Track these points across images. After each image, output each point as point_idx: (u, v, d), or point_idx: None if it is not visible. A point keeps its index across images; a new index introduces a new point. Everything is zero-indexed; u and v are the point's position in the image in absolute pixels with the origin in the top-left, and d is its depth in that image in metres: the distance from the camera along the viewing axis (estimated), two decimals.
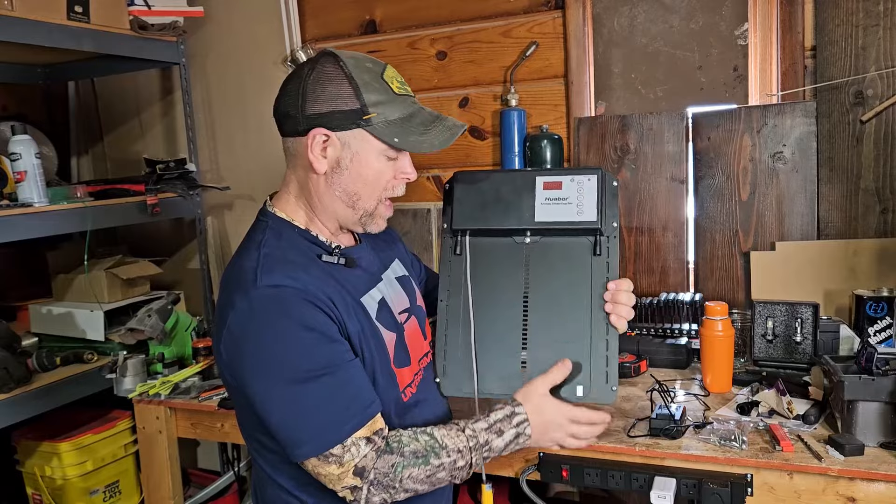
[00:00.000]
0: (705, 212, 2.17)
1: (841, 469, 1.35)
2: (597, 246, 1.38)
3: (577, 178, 1.40)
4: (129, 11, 2.42)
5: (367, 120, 1.19)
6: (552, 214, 1.39)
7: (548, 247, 1.41)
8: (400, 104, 1.22)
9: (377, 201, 1.26)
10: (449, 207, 1.45)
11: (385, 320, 1.30)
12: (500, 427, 1.25)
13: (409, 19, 2.51)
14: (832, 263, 2.00)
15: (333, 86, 1.19)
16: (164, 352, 2.25)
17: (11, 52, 2.51)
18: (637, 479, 1.48)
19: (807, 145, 2.04)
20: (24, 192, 2.12)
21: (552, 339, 1.37)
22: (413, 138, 1.21)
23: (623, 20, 2.30)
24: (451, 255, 1.45)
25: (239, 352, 1.15)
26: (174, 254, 2.95)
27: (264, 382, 1.14)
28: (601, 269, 1.38)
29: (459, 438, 1.22)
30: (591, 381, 1.35)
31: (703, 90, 2.23)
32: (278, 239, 1.24)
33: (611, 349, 1.35)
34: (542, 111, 2.36)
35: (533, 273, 1.40)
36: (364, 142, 1.21)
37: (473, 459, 1.22)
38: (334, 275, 1.23)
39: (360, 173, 1.23)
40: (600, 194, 1.38)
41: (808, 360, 1.79)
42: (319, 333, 1.15)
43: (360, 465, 1.14)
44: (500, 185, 1.43)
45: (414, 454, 1.17)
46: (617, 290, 1.35)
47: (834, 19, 1.99)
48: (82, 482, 2.41)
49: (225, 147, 2.81)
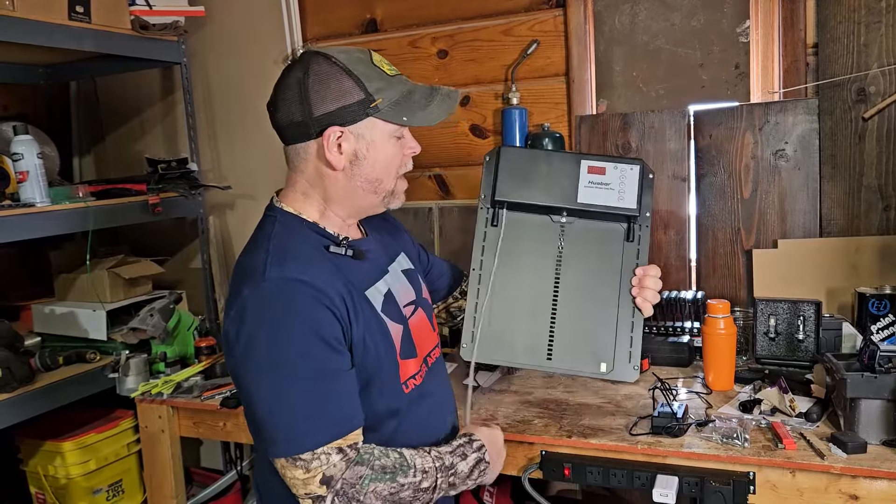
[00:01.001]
0: (707, 209, 2.17)
1: (843, 467, 1.35)
2: (630, 232, 1.45)
3: (620, 166, 1.46)
4: (130, 11, 2.41)
5: (375, 107, 1.22)
6: (594, 197, 1.44)
7: (582, 229, 1.47)
8: (398, 84, 1.26)
9: (394, 181, 1.30)
10: (491, 178, 1.48)
11: (391, 312, 1.31)
12: (462, 451, 1.29)
13: (409, 18, 2.50)
14: (834, 261, 1.99)
15: (335, 82, 1.20)
16: (166, 351, 2.25)
17: (13, 52, 2.51)
18: (639, 478, 1.48)
19: (809, 143, 2.04)
20: (26, 192, 2.12)
21: (580, 316, 1.44)
22: (419, 114, 1.25)
23: (624, 18, 2.29)
24: (487, 225, 1.49)
25: (239, 340, 1.15)
26: (176, 253, 2.95)
27: (257, 373, 1.15)
28: (632, 254, 1.45)
29: (426, 459, 1.23)
30: (614, 359, 1.42)
31: (705, 88, 2.22)
32: (289, 231, 1.25)
33: (635, 330, 1.42)
34: (544, 109, 2.36)
35: (566, 252, 1.47)
36: (375, 129, 1.24)
37: (438, 481, 1.23)
38: (341, 268, 1.24)
39: (378, 159, 1.26)
40: (640, 184, 1.44)
41: (811, 358, 1.79)
42: (322, 338, 1.15)
43: (328, 475, 1.13)
44: (545, 163, 1.47)
45: (383, 469, 1.18)
46: (645, 274, 1.42)
47: (836, 16, 1.98)
48: (85, 481, 2.41)
49: (226, 146, 2.81)
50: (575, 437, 1.54)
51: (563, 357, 1.44)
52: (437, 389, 1.40)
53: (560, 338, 1.43)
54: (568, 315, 1.44)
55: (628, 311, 1.42)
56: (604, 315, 1.43)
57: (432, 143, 2.49)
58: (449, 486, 1.26)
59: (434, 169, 2.53)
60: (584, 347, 1.43)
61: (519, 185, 1.47)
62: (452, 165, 2.51)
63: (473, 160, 2.47)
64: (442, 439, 1.37)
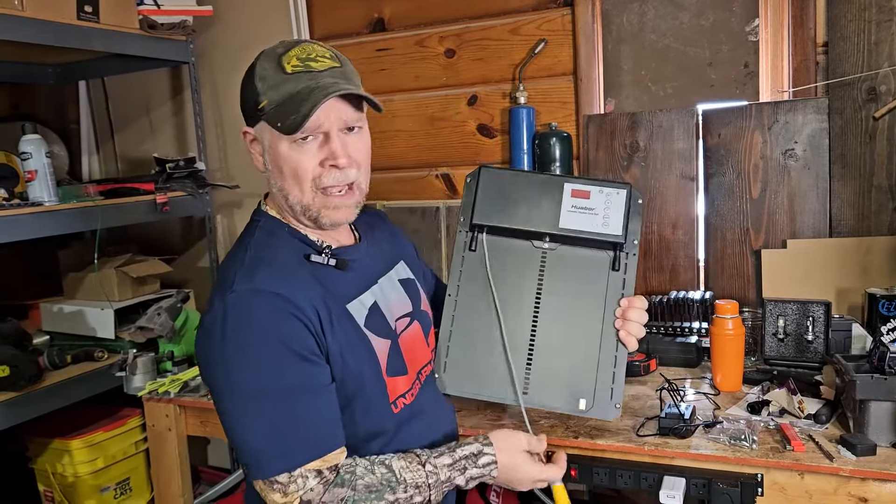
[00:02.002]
0: (716, 209, 2.16)
1: (853, 469, 1.34)
2: (616, 261, 1.38)
3: (606, 190, 1.38)
4: (138, 11, 2.42)
5: (262, 109, 1.14)
6: (577, 223, 1.37)
7: (565, 255, 1.39)
8: (291, 83, 1.12)
9: (311, 195, 1.16)
10: (470, 201, 1.41)
11: (376, 327, 1.23)
12: (464, 465, 1.18)
13: (417, 17, 2.50)
14: (844, 261, 1.98)
15: (247, 81, 1.18)
16: (173, 350, 2.25)
17: (22, 51, 2.52)
18: (646, 479, 1.47)
19: (819, 142, 2.03)
20: (34, 191, 2.13)
21: (560, 348, 1.36)
22: (291, 119, 1.11)
23: (632, 17, 2.28)
24: (465, 250, 1.42)
25: (207, 356, 1.10)
26: (184, 252, 2.96)
27: (229, 393, 1.09)
28: (617, 284, 1.37)
29: (419, 473, 1.14)
30: (594, 395, 1.34)
31: (714, 87, 2.21)
32: (269, 237, 1.20)
33: (618, 365, 1.34)
34: (551, 109, 2.35)
35: (547, 279, 1.39)
36: (269, 133, 1.16)
37: (432, 496, 1.15)
38: (321, 279, 1.17)
39: (279, 167, 1.16)
40: (627, 209, 1.37)
41: (820, 359, 1.78)
42: (292, 349, 1.08)
43: (305, 499, 1.07)
44: (526, 186, 1.40)
45: (367, 488, 1.10)
46: (629, 306, 1.34)
47: (846, 15, 1.97)
48: (93, 479, 2.42)
49: (234, 145, 2.81)
50: (582, 438, 1.53)
51: (540, 392, 1.35)
52: (431, 406, 1.32)
53: (537, 371, 1.35)
54: (547, 347, 1.36)
55: (611, 344, 1.35)
56: (585, 348, 1.35)
57: (439, 143, 2.49)
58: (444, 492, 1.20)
59: (441, 168, 2.53)
60: (563, 382, 1.35)
61: (498, 208, 1.39)
62: (460, 165, 2.50)
63: (481, 159, 2.47)
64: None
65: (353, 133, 1.18)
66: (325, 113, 1.12)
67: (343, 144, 1.15)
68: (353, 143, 1.18)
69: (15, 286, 2.76)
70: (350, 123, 1.17)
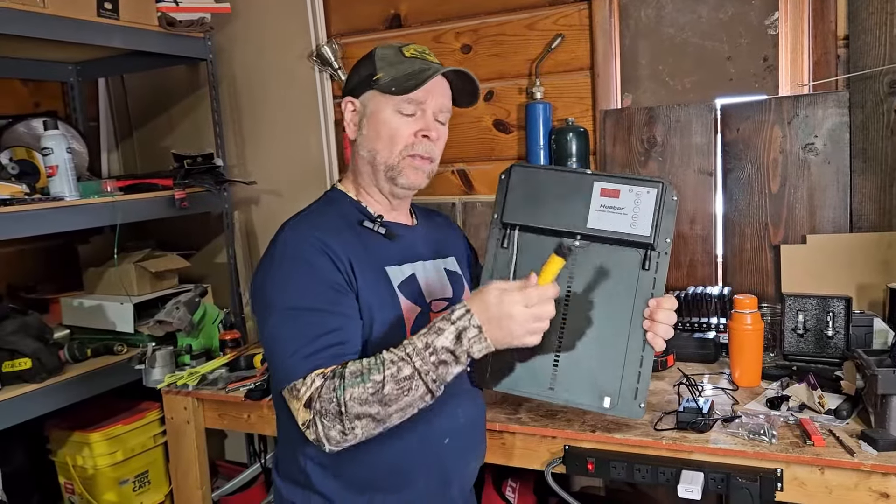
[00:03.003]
0: (734, 204, 2.14)
1: (874, 464, 1.33)
2: (646, 260, 1.36)
3: (636, 188, 1.36)
4: (157, 8, 2.44)
5: (377, 80, 1.32)
6: (605, 223, 1.36)
7: (596, 253, 1.38)
8: (408, 64, 1.32)
9: (399, 157, 1.32)
10: (502, 198, 1.44)
11: (409, 292, 1.32)
12: (438, 326, 1.15)
13: (433, 13, 2.50)
14: (866, 256, 1.96)
15: (363, 63, 1.37)
16: (191, 343, 2.28)
17: (44, 49, 2.55)
18: (664, 473, 1.47)
19: (839, 136, 2.00)
20: (55, 186, 2.16)
21: (588, 345, 1.36)
22: (406, 84, 1.29)
23: (650, 11, 2.27)
24: (497, 247, 1.44)
25: (253, 286, 1.29)
26: (202, 247, 2.98)
27: (263, 314, 1.24)
28: (647, 283, 1.35)
29: (397, 349, 1.15)
30: (619, 393, 1.34)
31: (733, 81, 2.20)
32: (328, 205, 1.38)
33: (644, 365, 1.34)
34: (568, 104, 2.35)
35: (577, 277, 1.38)
36: (376, 101, 1.33)
37: (417, 364, 1.12)
38: (366, 241, 1.31)
39: (377, 130, 1.32)
40: (658, 209, 1.34)
41: (841, 355, 1.76)
42: (319, 276, 1.21)
43: (309, 397, 1.15)
44: (557, 184, 1.40)
45: (352, 374, 1.13)
46: (658, 307, 1.33)
47: (868, 7, 1.95)
48: (112, 472, 2.44)
49: (251, 141, 2.83)
50: (599, 432, 1.53)
51: (566, 387, 1.36)
52: (455, 388, 1.26)
53: (564, 367, 1.36)
54: (574, 344, 1.36)
55: (638, 344, 1.34)
56: (612, 346, 1.35)
57: (456, 139, 2.47)
58: (439, 364, 1.13)
59: (457, 164, 2.53)
60: (589, 379, 1.36)
61: (528, 206, 1.41)
62: (476, 161, 2.50)
63: (497, 155, 2.47)
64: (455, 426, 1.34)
65: (440, 124, 1.36)
66: (430, 91, 1.31)
67: (434, 124, 1.34)
68: (440, 129, 1.36)
69: (36, 281, 2.80)
70: (443, 110, 1.35)
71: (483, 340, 1.13)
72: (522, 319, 1.13)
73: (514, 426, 1.62)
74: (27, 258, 2.77)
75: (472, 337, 1.13)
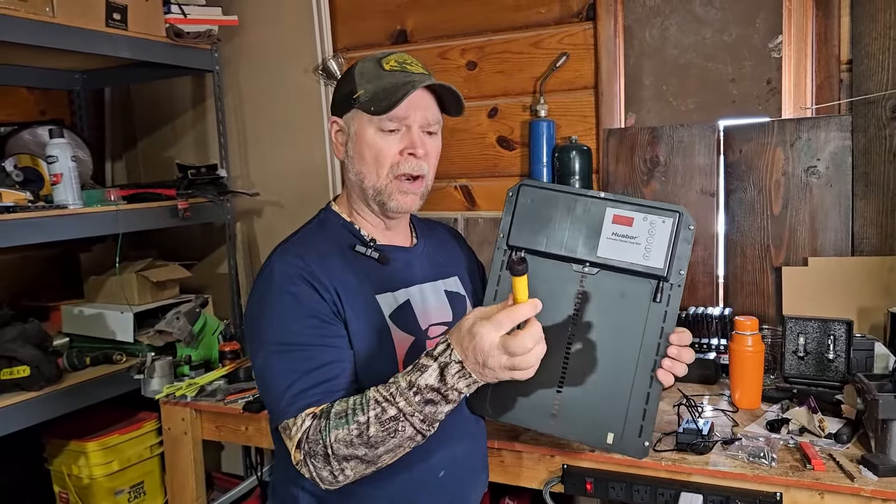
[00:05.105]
0: (736, 226, 2.14)
1: (874, 490, 1.32)
2: (658, 292, 1.28)
3: (650, 217, 1.28)
4: (165, 19, 2.46)
5: (356, 98, 1.26)
6: (616, 252, 1.28)
7: (605, 282, 1.30)
8: (387, 78, 1.26)
9: (386, 180, 1.27)
10: (509, 220, 1.34)
11: (402, 322, 1.27)
12: (422, 363, 1.08)
13: (439, 29, 2.52)
14: (867, 280, 1.96)
15: (343, 79, 1.33)
16: (191, 354, 2.27)
17: (51, 58, 2.57)
18: (663, 494, 1.46)
19: (842, 160, 2.01)
20: (59, 194, 2.16)
21: (592, 378, 1.29)
22: (384, 103, 1.23)
23: (655, 32, 2.29)
24: (502, 269, 1.35)
25: (244, 322, 1.29)
26: (204, 258, 2.99)
27: (254, 349, 1.22)
28: (658, 316, 1.28)
29: (383, 388, 1.10)
30: (623, 430, 1.27)
31: (736, 103, 2.21)
32: (320, 228, 1.34)
33: (650, 402, 1.27)
34: (572, 122, 2.36)
35: (584, 304, 1.30)
36: (358, 120, 1.28)
37: (401, 405, 1.07)
38: (357, 268, 1.27)
39: (361, 152, 1.28)
40: (673, 239, 1.27)
41: (841, 378, 1.76)
42: (303, 308, 1.18)
43: (299, 438, 1.13)
44: (567, 208, 1.31)
45: (337, 415, 1.10)
46: (681, 346, 1.25)
47: (871, 32, 1.96)
48: (108, 482, 2.43)
49: (255, 153, 2.84)
50: (598, 451, 1.52)
51: (568, 420, 1.29)
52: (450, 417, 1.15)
53: (567, 400, 1.28)
54: (579, 376, 1.29)
55: (645, 379, 1.26)
56: (618, 380, 1.27)
57: (459, 154, 2.50)
58: (426, 403, 1.07)
59: (460, 180, 2.54)
60: (592, 413, 1.28)
61: (536, 229, 1.32)
62: (479, 177, 2.51)
63: (500, 171, 2.48)
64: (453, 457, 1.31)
65: (430, 136, 1.31)
66: (412, 106, 1.25)
67: (421, 139, 1.28)
68: (430, 142, 1.30)
69: (37, 288, 2.80)
70: (431, 123, 1.29)
71: (467, 376, 1.05)
72: (496, 353, 1.02)
73: (514, 444, 1.61)
74: (29, 265, 2.78)
75: (455, 373, 1.05)
